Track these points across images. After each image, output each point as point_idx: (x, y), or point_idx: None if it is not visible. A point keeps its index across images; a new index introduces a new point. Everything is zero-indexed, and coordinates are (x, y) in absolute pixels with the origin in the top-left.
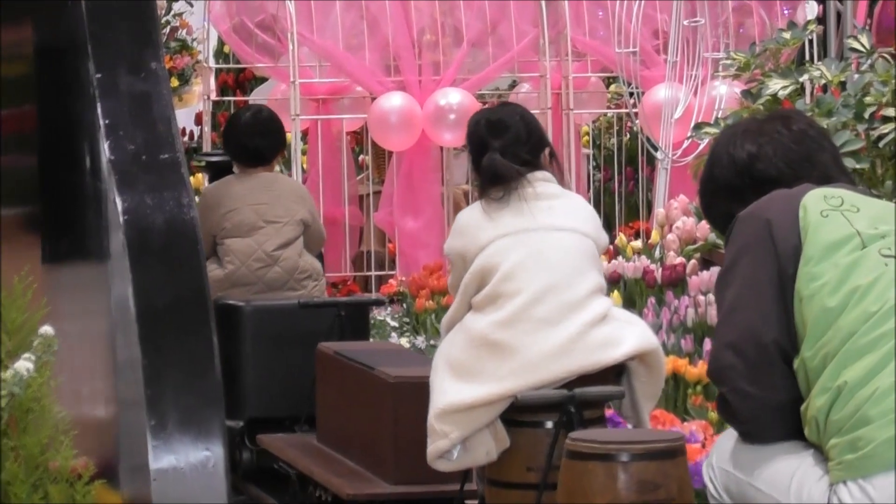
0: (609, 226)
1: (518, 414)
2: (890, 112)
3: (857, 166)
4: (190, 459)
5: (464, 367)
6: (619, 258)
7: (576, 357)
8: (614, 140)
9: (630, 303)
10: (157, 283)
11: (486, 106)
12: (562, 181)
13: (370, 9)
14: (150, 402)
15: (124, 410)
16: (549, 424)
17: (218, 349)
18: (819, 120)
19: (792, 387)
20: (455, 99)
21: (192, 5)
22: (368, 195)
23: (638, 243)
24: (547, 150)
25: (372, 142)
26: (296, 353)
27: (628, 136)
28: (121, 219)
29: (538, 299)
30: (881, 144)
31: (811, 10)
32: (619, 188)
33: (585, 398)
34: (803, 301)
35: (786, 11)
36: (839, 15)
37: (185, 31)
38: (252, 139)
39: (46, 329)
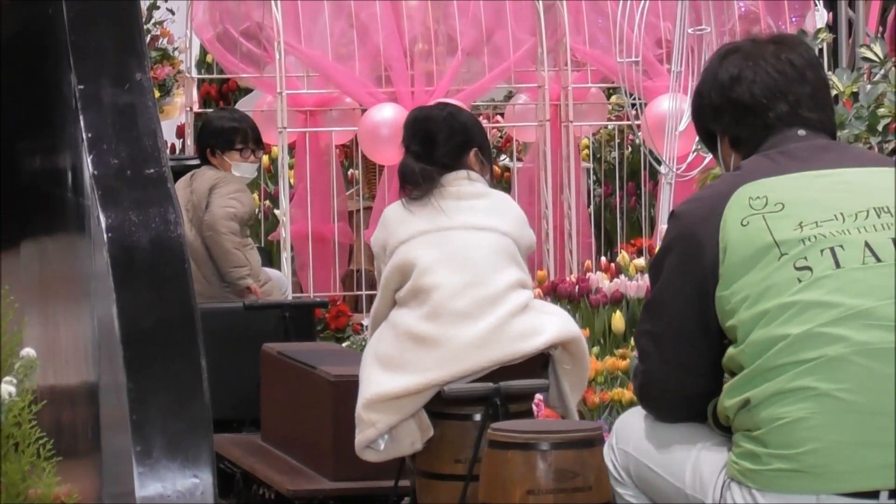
0: (610, 243)
1: (447, 407)
2: None
3: None
4: (177, 487)
5: (391, 360)
6: (622, 277)
7: (497, 347)
8: (615, 153)
9: (633, 324)
10: (142, 303)
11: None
12: (490, 181)
13: (360, 17)
14: (135, 427)
15: (109, 435)
16: (478, 417)
17: (206, 372)
18: None
19: (702, 382)
20: None
21: (173, 13)
22: (358, 211)
23: (641, 261)
24: (473, 151)
25: (362, 155)
26: (241, 355)
27: (630, 149)
28: (105, 236)
29: (457, 294)
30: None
31: (821, 18)
32: (621, 204)
33: (511, 391)
34: (724, 315)
35: (794, 19)
36: (851, 23)
37: (166, 39)
38: None
39: (28, 351)
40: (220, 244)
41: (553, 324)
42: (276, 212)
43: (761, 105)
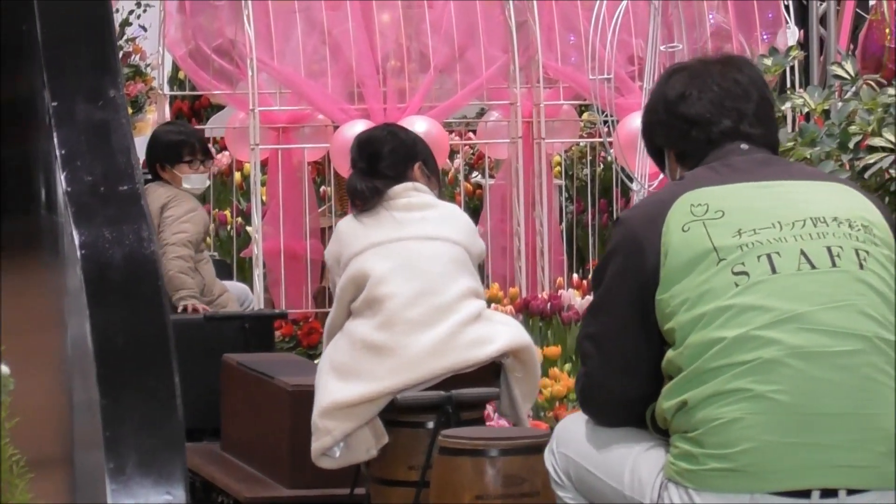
0: (582, 260)
1: (400, 415)
2: (876, 142)
3: None
4: (150, 503)
5: (346, 368)
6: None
7: (450, 355)
8: (588, 170)
9: None
10: (116, 320)
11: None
12: (438, 192)
13: (332, 33)
14: (108, 444)
15: (82, 452)
16: (430, 424)
17: (191, 394)
18: (802, 150)
19: (642, 385)
20: (421, 128)
21: (146, 30)
22: (331, 228)
23: None
24: (417, 165)
25: (334, 172)
26: (202, 366)
27: (602, 166)
28: (78, 253)
29: (411, 303)
30: (867, 175)
31: (793, 36)
32: (593, 221)
33: (462, 399)
34: (663, 318)
35: (765, 37)
36: (822, 40)
37: (138, 56)
38: None
39: (2, 368)
40: (164, 268)
41: (505, 333)
42: (248, 228)
43: (706, 121)
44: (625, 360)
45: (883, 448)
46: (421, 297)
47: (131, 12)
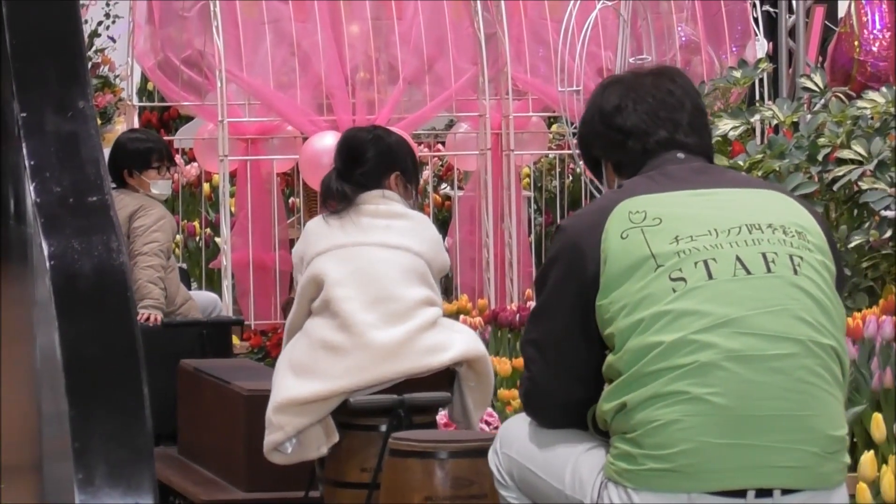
0: None
1: (354, 418)
2: (845, 154)
3: None
4: None
5: (303, 367)
6: None
7: (405, 360)
8: (556, 182)
9: None
10: (85, 330)
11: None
12: (411, 203)
13: (301, 45)
14: (77, 454)
15: (51, 463)
16: (383, 428)
17: (149, 399)
18: (771, 162)
19: (584, 388)
20: None
21: (115, 41)
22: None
23: None
24: (394, 174)
25: (303, 183)
26: (159, 371)
27: (571, 178)
28: (47, 264)
29: (366, 308)
30: (835, 188)
31: (762, 48)
32: None
33: (414, 403)
34: (603, 323)
35: (734, 49)
36: (791, 53)
37: (107, 67)
38: None
39: None
40: (134, 276)
41: (460, 341)
42: (217, 240)
43: (642, 131)
44: (566, 364)
45: (816, 449)
46: (376, 302)
47: (100, 23)
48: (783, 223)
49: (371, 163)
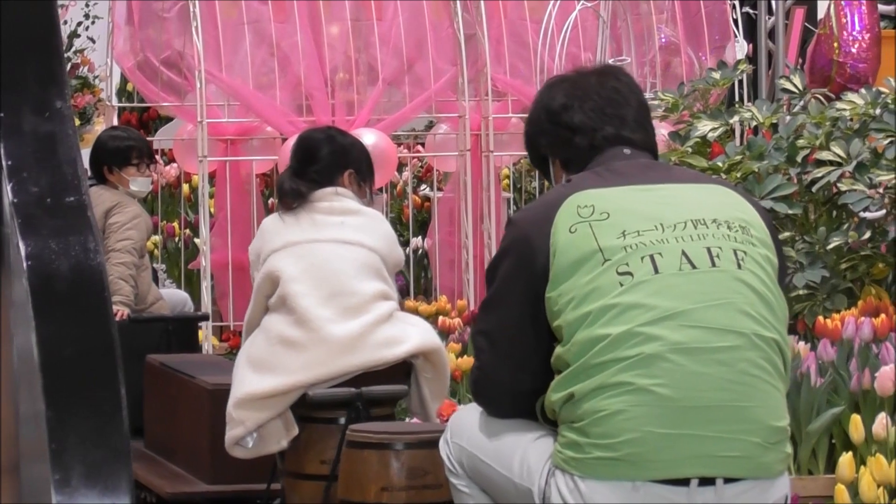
0: None
1: (313, 411)
2: (823, 155)
3: (790, 212)
4: None
5: (261, 362)
6: None
7: (362, 354)
8: (536, 183)
9: None
10: (62, 331)
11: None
12: (368, 201)
13: (281, 46)
14: (54, 455)
15: (28, 465)
16: (342, 420)
17: (133, 405)
18: (750, 163)
19: (532, 379)
20: (370, 140)
21: (94, 41)
22: None
23: None
24: (348, 172)
25: None
26: (127, 367)
27: None
28: (24, 264)
29: (323, 303)
30: (814, 189)
31: (741, 50)
32: None
33: (372, 396)
34: (552, 315)
35: (714, 50)
36: (770, 54)
37: (86, 68)
38: None
39: None
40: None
41: (416, 334)
42: (196, 240)
43: (589, 128)
44: (515, 354)
45: (758, 439)
46: (332, 297)
47: (80, 24)
48: (727, 218)
49: (325, 161)
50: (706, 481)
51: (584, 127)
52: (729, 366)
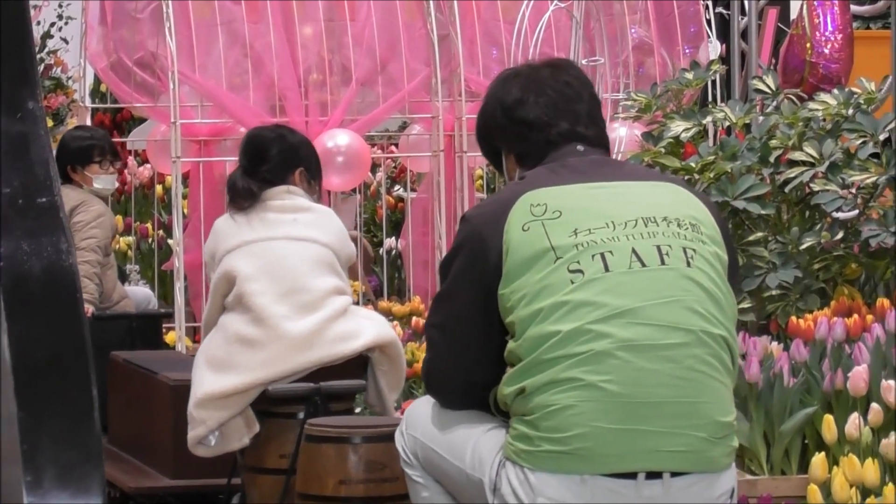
0: None
1: (272, 406)
2: (796, 156)
3: (763, 212)
4: None
5: (220, 361)
6: None
7: (318, 349)
8: None
9: None
10: (34, 332)
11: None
12: (314, 198)
13: (254, 46)
14: (25, 457)
15: None
16: (301, 415)
17: (98, 401)
18: (723, 164)
19: (484, 372)
20: (343, 141)
21: (67, 42)
22: None
23: None
24: (298, 170)
25: None
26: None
27: None
28: None
29: (277, 300)
30: (787, 189)
31: (714, 50)
32: None
33: (331, 391)
34: (505, 311)
35: (687, 50)
36: (743, 55)
37: (59, 68)
38: None
39: None
40: None
41: (371, 328)
42: (169, 241)
43: (544, 123)
44: (467, 348)
45: (704, 434)
46: (287, 294)
47: (53, 24)
48: (678, 216)
49: (276, 160)
50: (653, 475)
51: (539, 123)
52: (677, 362)
